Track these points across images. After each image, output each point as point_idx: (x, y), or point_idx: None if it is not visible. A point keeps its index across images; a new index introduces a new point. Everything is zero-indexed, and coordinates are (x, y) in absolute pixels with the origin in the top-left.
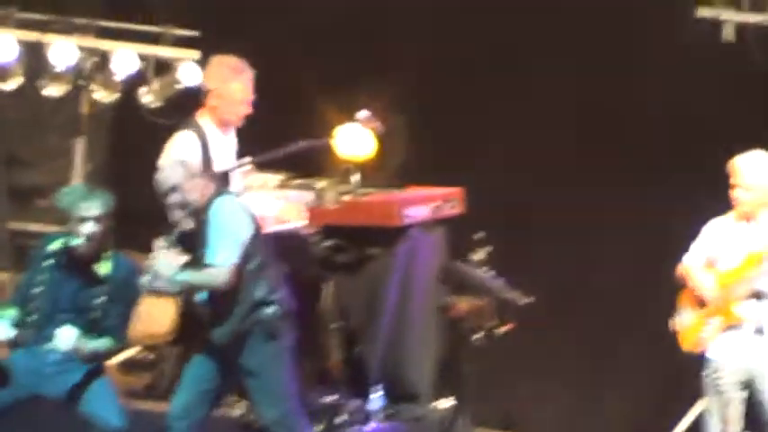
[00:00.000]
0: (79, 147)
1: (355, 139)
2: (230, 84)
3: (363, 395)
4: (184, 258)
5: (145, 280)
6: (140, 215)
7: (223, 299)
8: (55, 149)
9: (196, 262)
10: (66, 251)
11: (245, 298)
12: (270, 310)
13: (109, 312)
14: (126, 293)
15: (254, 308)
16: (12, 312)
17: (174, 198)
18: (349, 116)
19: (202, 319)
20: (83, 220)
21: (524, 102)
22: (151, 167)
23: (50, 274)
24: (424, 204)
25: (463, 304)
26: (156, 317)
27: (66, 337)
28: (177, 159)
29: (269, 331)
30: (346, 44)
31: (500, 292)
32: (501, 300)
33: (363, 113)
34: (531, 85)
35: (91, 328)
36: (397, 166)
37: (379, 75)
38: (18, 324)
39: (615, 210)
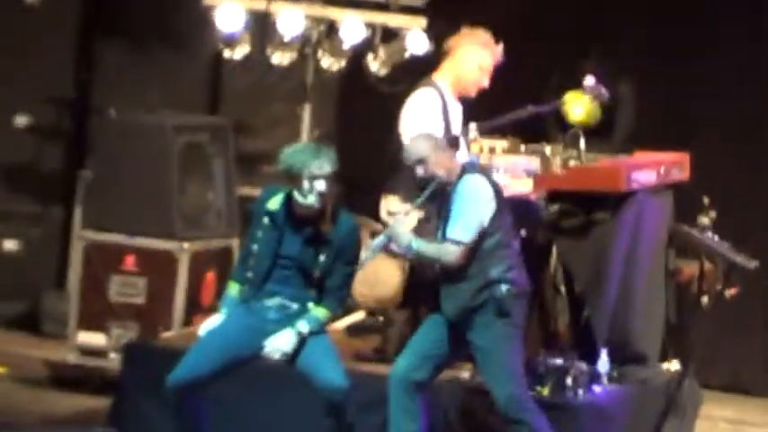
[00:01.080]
0: (305, 114)
1: (582, 104)
2: (483, 51)
3: (590, 358)
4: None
5: (378, 241)
6: (365, 184)
7: (457, 273)
8: (281, 117)
9: (433, 234)
10: (291, 208)
11: (478, 274)
12: (503, 288)
13: (331, 272)
14: (348, 253)
15: (486, 285)
16: (235, 290)
17: (419, 170)
18: (576, 83)
19: (432, 285)
20: (315, 177)
21: (753, 64)
22: (377, 135)
23: (272, 231)
24: (651, 169)
25: (690, 268)
26: (383, 281)
27: (283, 343)
28: (425, 133)
29: (500, 310)
30: (575, 8)
31: (727, 256)
32: (728, 263)
33: (590, 80)
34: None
35: (312, 285)
36: (625, 132)
37: (607, 40)
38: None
39: None
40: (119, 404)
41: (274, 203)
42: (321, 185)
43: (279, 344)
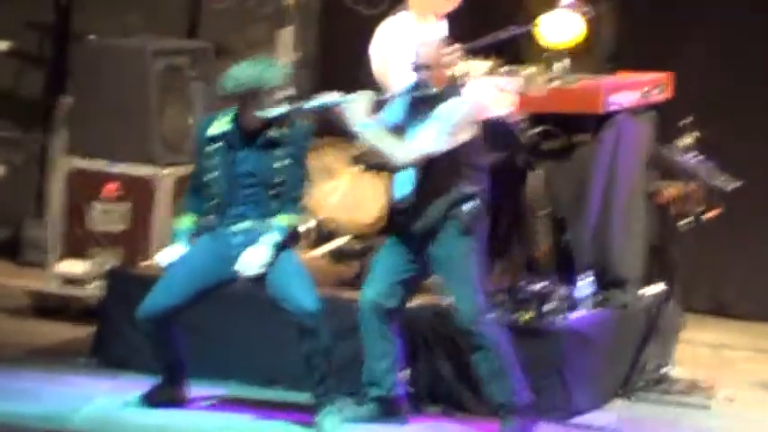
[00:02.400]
0: (286, 36)
1: (563, 24)
2: None
3: (572, 282)
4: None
5: (330, 99)
6: None
7: (431, 187)
8: (262, 40)
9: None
10: (236, 125)
11: (452, 189)
12: (468, 205)
13: (290, 176)
14: (300, 153)
15: (459, 201)
16: (189, 223)
17: (418, 74)
18: (556, 2)
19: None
20: (272, 91)
21: None
22: (359, 57)
23: (222, 153)
24: (632, 90)
25: (671, 189)
26: (365, 206)
27: (258, 257)
28: (440, 42)
29: (466, 227)
30: None
31: (708, 177)
32: (709, 184)
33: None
34: None
35: (276, 196)
36: (606, 52)
37: None
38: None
39: None
40: (102, 333)
41: (221, 126)
42: (278, 96)
43: (253, 258)
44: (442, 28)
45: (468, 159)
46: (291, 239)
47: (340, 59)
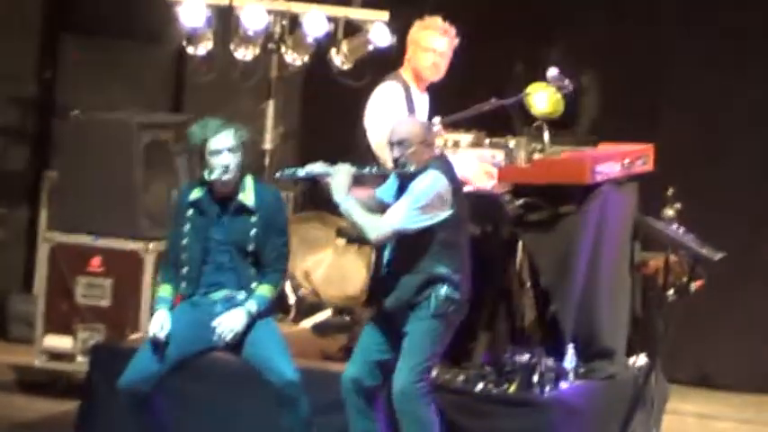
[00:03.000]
0: (270, 110)
1: (546, 97)
2: (424, 31)
3: (557, 354)
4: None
5: (316, 169)
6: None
7: (404, 265)
8: (246, 113)
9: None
10: (212, 193)
11: (424, 269)
12: (446, 289)
13: (265, 246)
14: (277, 222)
15: (431, 282)
16: (168, 291)
17: (395, 151)
18: (539, 75)
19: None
20: (216, 152)
21: (714, 53)
22: (341, 130)
23: (195, 221)
24: (615, 161)
25: (655, 261)
26: (348, 279)
27: (234, 323)
28: (419, 121)
29: (437, 310)
30: (537, 2)
31: (692, 249)
32: (693, 256)
33: (553, 72)
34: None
35: (250, 263)
36: (588, 124)
37: (569, 32)
38: (176, 285)
39: None
40: (86, 407)
41: (195, 193)
42: (224, 159)
43: (229, 323)
44: (424, 100)
45: (444, 238)
46: (272, 307)
47: (323, 131)
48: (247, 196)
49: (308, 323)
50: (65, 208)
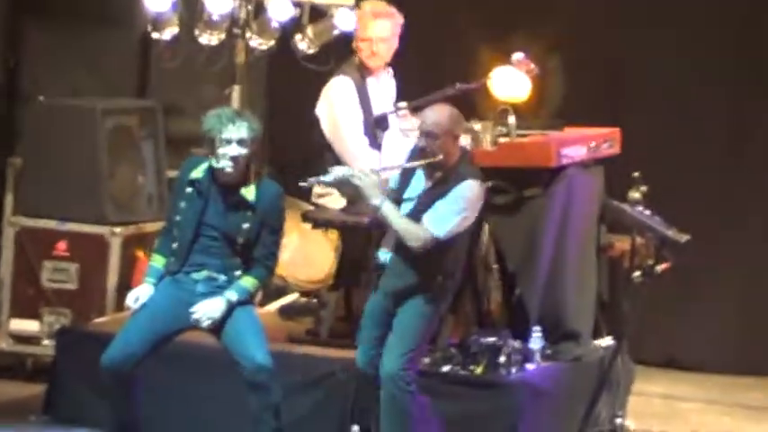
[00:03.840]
0: (235, 95)
1: (511, 80)
2: (366, 33)
3: (523, 336)
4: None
5: (344, 173)
6: (296, 165)
7: (414, 258)
8: (212, 99)
9: (409, 210)
10: (214, 176)
11: (432, 266)
12: (443, 279)
13: (257, 240)
14: (274, 220)
15: (436, 276)
16: (160, 262)
17: (420, 140)
18: (505, 58)
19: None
20: (227, 142)
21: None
22: (307, 116)
23: (196, 200)
24: (582, 144)
25: (621, 243)
26: (315, 262)
27: (212, 309)
28: (449, 110)
29: (433, 297)
30: None
31: (658, 231)
32: (659, 238)
33: (519, 55)
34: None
35: (237, 254)
36: (555, 107)
37: (535, 15)
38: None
39: None
40: (53, 391)
41: (198, 172)
42: (233, 150)
43: (207, 310)
44: (391, 85)
45: (456, 238)
46: (251, 297)
47: (289, 117)
48: (249, 191)
49: (274, 306)
50: (30, 193)
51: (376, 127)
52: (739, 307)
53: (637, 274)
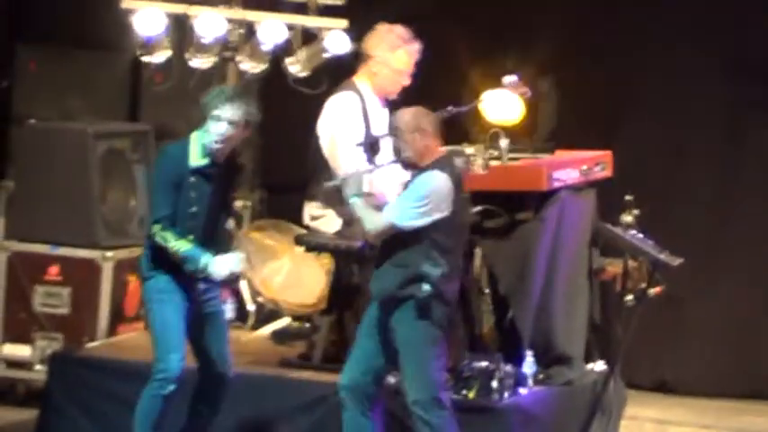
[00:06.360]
0: None
1: (503, 103)
2: (396, 52)
3: (515, 360)
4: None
5: (331, 183)
6: (287, 187)
7: (392, 258)
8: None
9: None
10: (211, 159)
11: (410, 265)
12: (427, 287)
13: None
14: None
15: (413, 279)
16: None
17: (393, 140)
18: (496, 81)
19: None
20: (218, 119)
21: (673, 63)
22: (299, 138)
23: (200, 187)
24: (573, 168)
25: (614, 267)
26: (307, 286)
27: (230, 263)
28: (419, 110)
29: (421, 310)
30: (493, 9)
31: (651, 254)
32: (652, 262)
33: (511, 78)
34: (680, 45)
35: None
36: (546, 131)
37: (526, 39)
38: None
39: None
40: (45, 416)
41: (196, 159)
42: (222, 128)
43: (227, 263)
44: (384, 112)
45: (436, 239)
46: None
47: (281, 139)
48: (232, 162)
49: (266, 330)
50: (22, 217)
51: (369, 149)
52: (732, 331)
53: (629, 297)
